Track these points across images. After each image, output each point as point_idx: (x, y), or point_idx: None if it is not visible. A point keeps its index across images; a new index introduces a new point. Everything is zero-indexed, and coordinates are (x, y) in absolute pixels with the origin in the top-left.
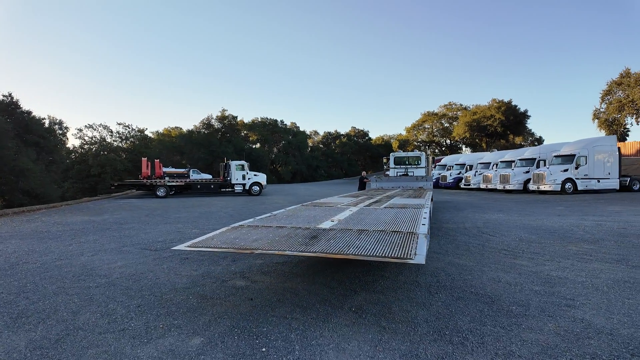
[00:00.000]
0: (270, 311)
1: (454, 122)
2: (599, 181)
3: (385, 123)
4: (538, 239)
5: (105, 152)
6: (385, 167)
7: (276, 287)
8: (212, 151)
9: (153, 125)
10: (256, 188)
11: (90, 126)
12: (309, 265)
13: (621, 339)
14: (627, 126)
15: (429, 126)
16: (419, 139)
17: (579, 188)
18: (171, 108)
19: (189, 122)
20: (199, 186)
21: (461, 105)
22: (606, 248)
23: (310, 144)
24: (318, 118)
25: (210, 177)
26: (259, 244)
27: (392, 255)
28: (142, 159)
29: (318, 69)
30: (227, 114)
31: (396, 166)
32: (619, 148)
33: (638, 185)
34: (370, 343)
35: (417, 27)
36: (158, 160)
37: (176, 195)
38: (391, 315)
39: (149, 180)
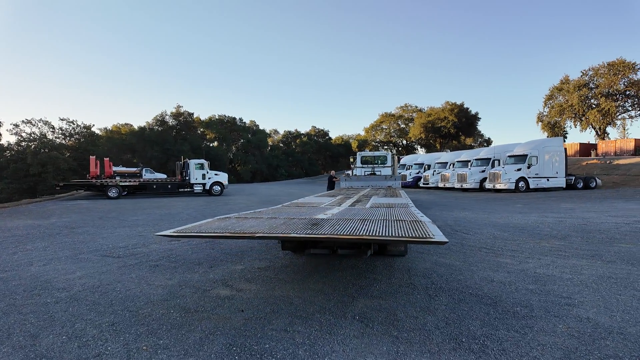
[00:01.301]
0: (267, 324)
1: (410, 123)
2: (548, 180)
3: (345, 123)
4: (511, 236)
5: (47, 150)
6: (352, 166)
7: (265, 295)
8: (166, 149)
9: (101, 121)
10: (217, 188)
11: (29, 121)
12: (295, 270)
13: (633, 338)
14: (567, 129)
15: (386, 127)
16: (377, 139)
17: (531, 186)
18: (121, 103)
19: (140, 118)
20: (154, 186)
21: (416, 107)
22: (576, 244)
23: (270, 143)
24: (278, 117)
25: (165, 176)
26: (257, 229)
27: (412, 236)
28: (90, 157)
29: (278, 68)
30: (182, 111)
31: (363, 165)
32: (565, 149)
33: (581, 184)
34: (387, 356)
35: (374, 31)
36: (108, 158)
37: (129, 196)
38: (399, 323)
39: (98, 180)
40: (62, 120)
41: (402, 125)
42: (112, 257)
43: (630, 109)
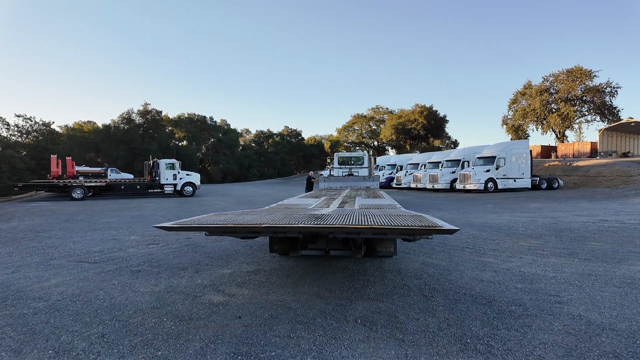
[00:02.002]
0: (268, 330)
1: (381, 125)
2: (515, 180)
3: (317, 123)
4: (489, 235)
5: (1, 148)
6: (329, 166)
7: (260, 300)
8: (133, 148)
9: (62, 118)
10: (189, 189)
11: None
12: (286, 273)
13: (625, 333)
14: (529, 131)
15: (358, 128)
16: (350, 140)
17: (499, 187)
18: (83, 100)
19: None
20: (122, 187)
21: (387, 109)
22: (552, 243)
23: (242, 143)
24: (250, 116)
25: (131, 177)
26: (261, 222)
27: (424, 226)
28: (52, 156)
29: (250, 66)
30: (150, 109)
31: (340, 166)
32: (530, 151)
33: (545, 184)
34: None
35: (345, 33)
36: (70, 158)
37: (94, 197)
38: (402, 326)
39: (61, 181)
40: (18, 116)
41: (373, 127)
42: (88, 263)
43: (586, 113)
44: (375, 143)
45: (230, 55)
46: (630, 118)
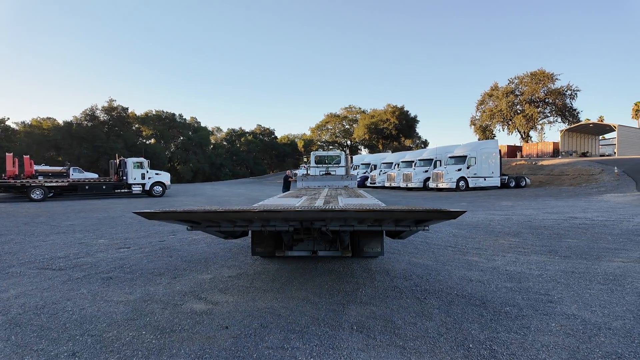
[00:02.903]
0: (259, 341)
1: (354, 124)
2: (485, 179)
3: (291, 122)
4: (468, 234)
5: None
6: (305, 166)
7: (247, 308)
8: (97, 147)
9: (18, 114)
10: (158, 188)
11: None
12: (270, 277)
13: (621, 332)
14: (496, 132)
15: (331, 127)
16: (323, 139)
17: (470, 185)
18: (42, 95)
19: (66, 112)
20: (87, 187)
21: (360, 108)
22: (530, 240)
23: (213, 141)
24: (221, 114)
25: (96, 176)
26: (259, 208)
27: (434, 209)
28: (7, 154)
29: (221, 63)
30: (115, 105)
31: (317, 165)
32: (499, 150)
33: (513, 183)
34: None
35: (318, 31)
36: (28, 156)
37: (55, 198)
38: (400, 331)
39: (18, 181)
40: None
41: (346, 126)
42: (51, 270)
43: (549, 115)
44: (349, 142)
45: (201, 52)
46: (588, 120)
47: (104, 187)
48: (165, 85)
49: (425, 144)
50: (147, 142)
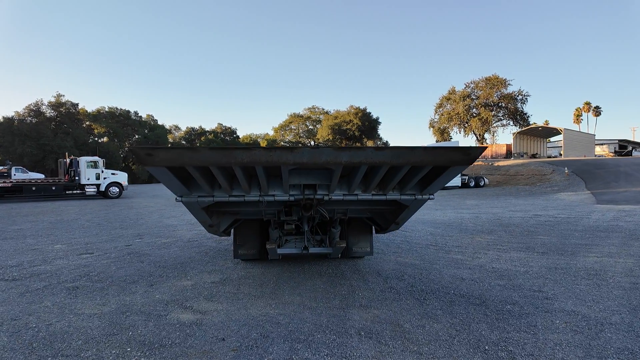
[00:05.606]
0: (264, 354)
1: (318, 125)
2: None
3: (253, 122)
4: (445, 232)
5: None
6: None
7: (240, 316)
8: (43, 145)
9: None
10: (115, 189)
11: None
12: (258, 282)
13: (624, 327)
14: (453, 134)
15: (295, 127)
16: (287, 139)
17: None
18: None
19: (6, 107)
20: (34, 188)
21: (323, 109)
22: (505, 238)
23: (171, 140)
24: (180, 112)
25: (42, 176)
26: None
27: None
28: None
29: (179, 59)
30: (63, 101)
31: None
32: None
33: (473, 182)
34: None
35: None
36: None
37: None
38: (411, 336)
39: None
40: None
41: (310, 127)
42: (5, 281)
43: (502, 118)
44: (312, 143)
45: (158, 49)
46: (535, 123)
47: (53, 188)
48: (120, 82)
49: (386, 145)
50: (100, 141)
